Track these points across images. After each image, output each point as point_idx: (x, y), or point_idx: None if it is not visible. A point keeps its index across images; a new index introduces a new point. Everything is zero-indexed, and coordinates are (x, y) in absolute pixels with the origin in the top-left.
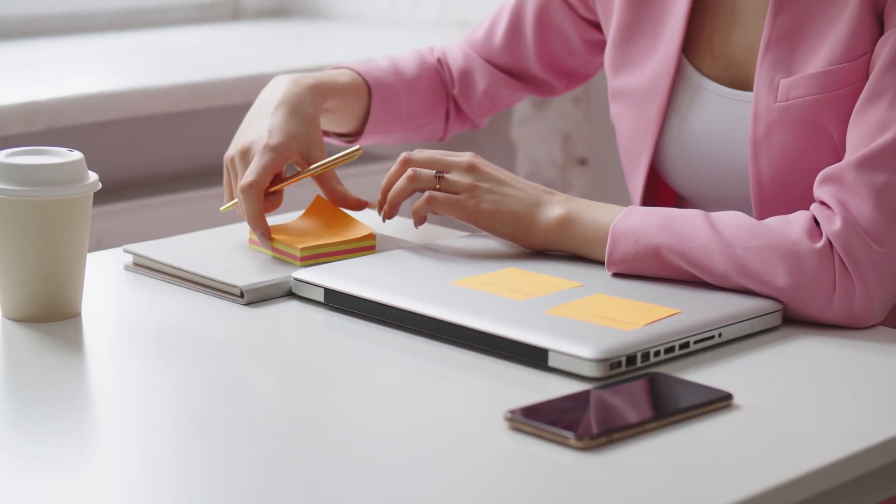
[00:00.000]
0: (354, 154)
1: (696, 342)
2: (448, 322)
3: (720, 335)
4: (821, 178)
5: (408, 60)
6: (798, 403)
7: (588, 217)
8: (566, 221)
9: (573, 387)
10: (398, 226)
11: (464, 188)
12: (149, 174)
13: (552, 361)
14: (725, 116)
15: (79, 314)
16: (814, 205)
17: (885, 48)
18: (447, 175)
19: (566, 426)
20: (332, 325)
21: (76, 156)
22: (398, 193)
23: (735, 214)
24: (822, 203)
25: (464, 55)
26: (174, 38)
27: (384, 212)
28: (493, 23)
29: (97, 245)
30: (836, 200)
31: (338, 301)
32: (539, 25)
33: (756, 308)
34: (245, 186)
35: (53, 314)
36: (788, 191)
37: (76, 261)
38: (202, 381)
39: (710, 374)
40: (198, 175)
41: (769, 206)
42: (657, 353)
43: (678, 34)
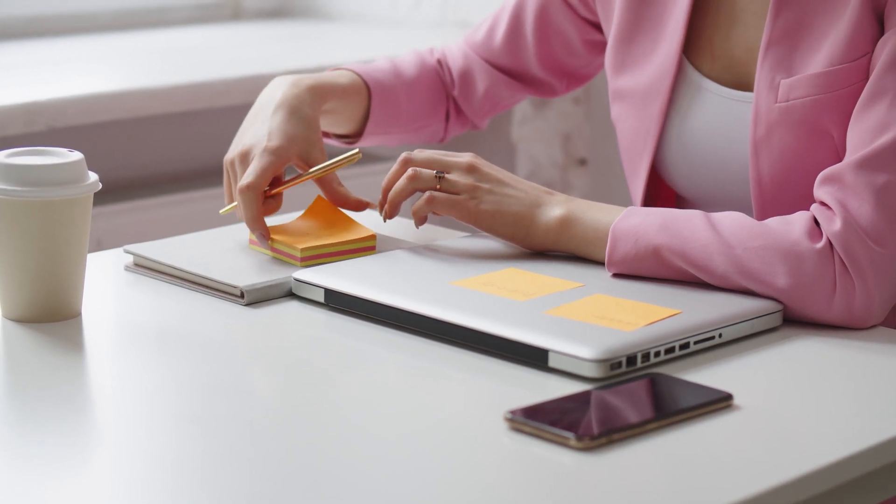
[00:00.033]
0: (353, 158)
1: (697, 343)
2: (448, 322)
3: (720, 336)
4: (821, 179)
5: (408, 62)
6: (798, 404)
7: (588, 217)
8: (566, 222)
9: (573, 387)
10: (398, 226)
11: (464, 189)
12: (149, 174)
13: (552, 362)
14: (726, 117)
15: (79, 315)
16: (814, 205)
17: (886, 49)
18: (447, 175)
19: (566, 426)
20: (333, 326)
21: (76, 156)
22: (399, 193)
23: (735, 215)
24: (823, 203)
25: (464, 56)
26: (174, 39)
27: (385, 211)
28: (494, 24)
29: (97, 245)
30: (837, 201)
31: (338, 301)
32: (539, 26)
33: (756, 308)
34: (243, 188)
35: (54, 314)
36: (789, 191)
37: (76, 261)
38: (202, 382)
39: (711, 375)
40: (198, 175)
41: (769, 207)
42: (657, 354)
43: (679, 34)
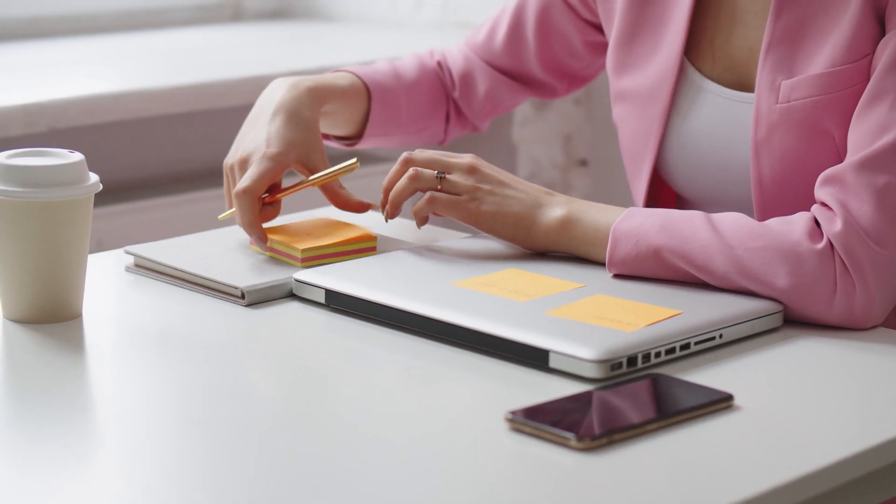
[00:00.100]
0: (351, 167)
1: (697, 343)
2: (449, 323)
3: (721, 336)
4: (822, 180)
5: (408, 64)
6: (799, 404)
7: (589, 218)
8: (567, 223)
9: (574, 388)
10: (399, 227)
11: (465, 190)
12: (150, 175)
13: (553, 362)
14: (727, 118)
15: (80, 315)
16: (815, 206)
17: (887, 50)
18: (448, 176)
19: (567, 427)
20: (333, 327)
21: (77, 157)
22: (400, 193)
23: (736, 216)
24: (823, 204)
25: (464, 58)
26: (175, 40)
27: (386, 211)
28: (494, 25)
29: (98, 246)
30: (837, 202)
31: (338, 302)
32: (540, 27)
33: (757, 309)
34: (239, 192)
35: (54, 315)
36: (789, 192)
37: (77, 262)
38: (203, 383)
39: (711, 375)
40: (199, 176)
41: (770, 208)
42: (658, 354)
43: (680, 36)
